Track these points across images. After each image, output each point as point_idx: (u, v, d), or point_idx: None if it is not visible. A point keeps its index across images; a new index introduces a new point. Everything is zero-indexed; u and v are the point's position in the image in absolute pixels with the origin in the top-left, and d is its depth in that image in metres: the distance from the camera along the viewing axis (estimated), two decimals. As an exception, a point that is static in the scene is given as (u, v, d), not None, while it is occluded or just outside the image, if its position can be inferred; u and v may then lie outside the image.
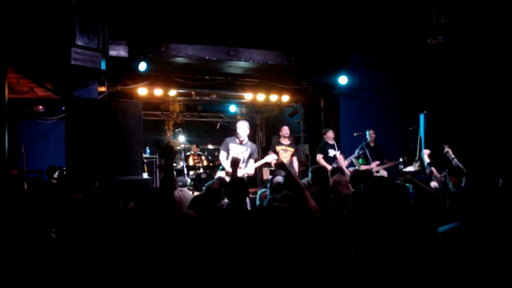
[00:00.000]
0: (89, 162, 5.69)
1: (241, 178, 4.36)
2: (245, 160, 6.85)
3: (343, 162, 7.75)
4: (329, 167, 7.92)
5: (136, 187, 5.86)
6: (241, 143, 6.91)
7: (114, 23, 7.48)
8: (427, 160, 5.87)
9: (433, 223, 3.12)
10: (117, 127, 5.93)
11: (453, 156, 5.93)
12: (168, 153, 3.61)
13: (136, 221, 3.61)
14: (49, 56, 6.27)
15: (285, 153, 8.56)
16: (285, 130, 8.76)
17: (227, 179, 6.23)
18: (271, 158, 7.17)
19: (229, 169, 6.34)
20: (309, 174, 4.76)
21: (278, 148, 8.67)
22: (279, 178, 4.97)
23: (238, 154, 6.78)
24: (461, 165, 5.57)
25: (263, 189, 5.30)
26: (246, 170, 6.77)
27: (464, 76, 8.94)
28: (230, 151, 6.84)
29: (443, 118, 8.07)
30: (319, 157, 8.60)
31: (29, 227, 3.22)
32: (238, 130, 6.92)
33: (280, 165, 4.69)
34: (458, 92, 9.01)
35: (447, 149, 6.09)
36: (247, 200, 4.95)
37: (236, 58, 8.90)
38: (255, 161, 7.16)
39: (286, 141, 8.76)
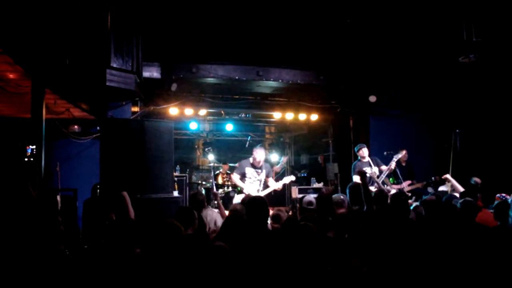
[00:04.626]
0: (122, 180, 5.81)
1: (262, 198, 4.22)
2: (262, 181, 7.47)
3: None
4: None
5: (166, 205, 5.96)
6: (257, 167, 7.48)
7: (147, 45, 7.73)
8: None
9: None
10: (149, 146, 6.05)
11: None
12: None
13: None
14: (85, 77, 6.50)
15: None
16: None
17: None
18: (289, 179, 7.88)
19: (247, 189, 7.26)
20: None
21: None
22: (310, 197, 5.08)
23: (254, 177, 7.45)
24: None
25: None
26: (274, 187, 7.44)
27: (496, 95, 8.76)
28: (246, 174, 7.44)
29: (475, 137, 7.91)
30: (356, 179, 7.30)
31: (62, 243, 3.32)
32: (256, 155, 7.46)
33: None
34: (490, 111, 8.82)
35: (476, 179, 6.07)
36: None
37: (265, 77, 9.02)
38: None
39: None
